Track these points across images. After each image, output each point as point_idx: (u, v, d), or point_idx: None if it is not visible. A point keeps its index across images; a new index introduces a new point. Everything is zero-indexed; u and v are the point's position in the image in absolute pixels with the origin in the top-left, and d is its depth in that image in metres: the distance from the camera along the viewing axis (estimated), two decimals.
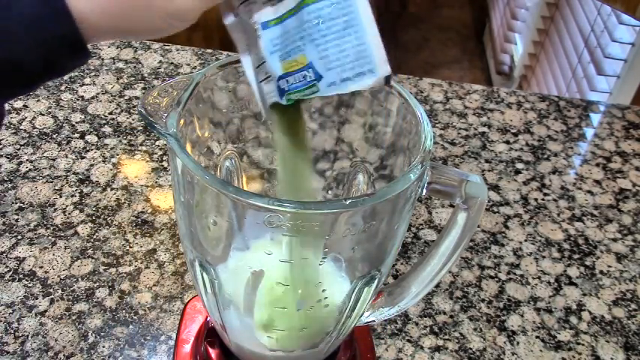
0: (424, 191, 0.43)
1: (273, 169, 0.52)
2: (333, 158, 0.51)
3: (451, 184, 0.43)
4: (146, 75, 0.92)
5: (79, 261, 0.67)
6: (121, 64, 0.94)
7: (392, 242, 0.45)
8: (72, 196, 0.74)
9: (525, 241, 0.75)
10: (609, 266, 0.73)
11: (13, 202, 0.73)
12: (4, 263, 0.66)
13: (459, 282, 0.69)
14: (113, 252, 0.68)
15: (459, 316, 0.66)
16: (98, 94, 0.89)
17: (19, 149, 0.79)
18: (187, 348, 0.58)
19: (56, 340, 0.60)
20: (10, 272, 0.65)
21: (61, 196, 0.74)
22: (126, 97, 0.88)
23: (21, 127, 0.82)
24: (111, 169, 0.78)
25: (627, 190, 0.83)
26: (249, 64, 0.41)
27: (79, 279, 0.65)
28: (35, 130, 0.82)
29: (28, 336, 0.60)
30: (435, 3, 3.07)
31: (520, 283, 0.70)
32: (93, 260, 0.67)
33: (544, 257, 0.73)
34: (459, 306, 0.67)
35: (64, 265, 0.67)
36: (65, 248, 0.68)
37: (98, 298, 0.64)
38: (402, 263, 0.71)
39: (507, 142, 0.89)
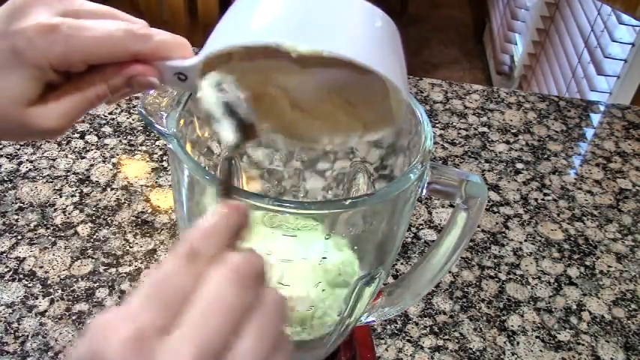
0: (424, 191, 0.43)
1: (273, 169, 0.52)
2: (333, 158, 0.51)
3: (451, 184, 0.43)
4: None
5: (79, 261, 0.67)
6: None
7: (392, 242, 0.45)
8: (72, 196, 0.74)
9: (525, 241, 0.75)
10: (609, 266, 0.73)
11: (13, 202, 0.73)
12: (4, 263, 0.66)
13: (459, 282, 0.69)
14: (113, 252, 0.68)
15: (459, 316, 0.66)
16: None
17: (19, 149, 0.79)
18: None
19: (56, 340, 0.60)
20: (10, 272, 0.65)
21: (61, 196, 0.74)
22: (126, 97, 0.88)
23: None
24: (111, 169, 0.78)
25: (627, 190, 0.83)
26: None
27: (79, 279, 0.65)
28: None
29: (28, 336, 0.60)
30: (435, 3, 3.07)
31: (520, 283, 0.70)
32: (93, 260, 0.67)
33: (544, 257, 0.73)
34: (459, 306, 0.67)
35: (64, 265, 0.67)
36: (65, 248, 0.68)
37: (98, 298, 0.64)
38: (402, 263, 0.71)
39: (507, 142, 0.89)
